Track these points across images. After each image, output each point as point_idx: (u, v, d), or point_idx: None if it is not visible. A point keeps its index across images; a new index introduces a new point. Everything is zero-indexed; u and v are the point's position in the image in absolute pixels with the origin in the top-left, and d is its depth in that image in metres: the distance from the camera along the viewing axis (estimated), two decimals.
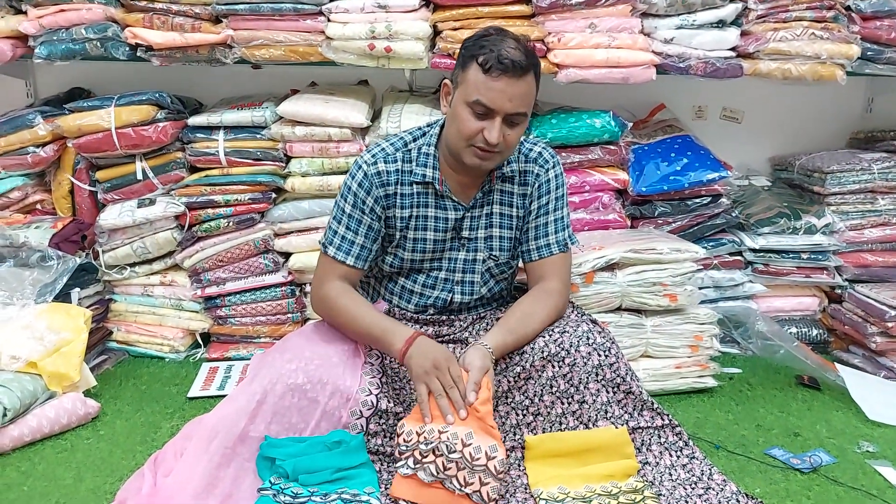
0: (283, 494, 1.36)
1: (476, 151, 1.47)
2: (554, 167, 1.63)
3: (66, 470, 1.60)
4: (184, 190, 2.18)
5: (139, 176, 2.17)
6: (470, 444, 1.36)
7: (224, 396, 1.73)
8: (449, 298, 1.66)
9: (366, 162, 1.56)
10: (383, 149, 1.58)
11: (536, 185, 1.61)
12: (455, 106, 1.48)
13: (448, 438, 1.36)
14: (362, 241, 1.57)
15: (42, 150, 2.18)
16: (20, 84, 2.51)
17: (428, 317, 1.67)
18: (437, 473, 1.35)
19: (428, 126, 1.62)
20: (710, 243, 2.25)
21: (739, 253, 2.29)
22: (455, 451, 1.36)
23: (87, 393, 1.89)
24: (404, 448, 1.40)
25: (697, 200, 2.25)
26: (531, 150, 1.63)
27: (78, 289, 2.10)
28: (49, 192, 2.28)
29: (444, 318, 1.68)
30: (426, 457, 1.37)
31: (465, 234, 1.62)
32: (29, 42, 2.15)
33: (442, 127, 1.58)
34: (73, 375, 1.84)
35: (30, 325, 1.85)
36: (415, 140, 1.59)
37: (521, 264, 1.72)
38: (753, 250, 2.27)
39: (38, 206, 2.28)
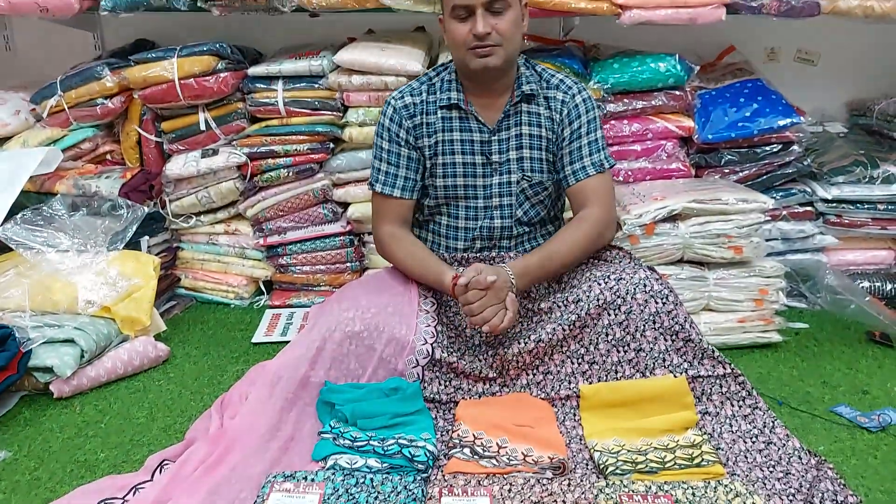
0: (342, 438, 1.40)
1: (475, 52, 1.52)
2: (580, 92, 1.63)
3: (139, 409, 1.69)
4: (245, 140, 2.21)
5: (202, 126, 2.21)
6: (531, 456, 1.36)
7: (286, 342, 1.79)
8: (490, 225, 1.66)
9: (393, 97, 1.66)
10: (409, 84, 1.69)
11: (565, 112, 1.62)
12: (446, 25, 1.57)
13: (507, 454, 1.37)
14: (405, 173, 1.65)
15: (110, 101, 2.24)
16: (88, 37, 2.57)
17: (476, 253, 1.68)
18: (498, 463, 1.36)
19: (449, 62, 1.68)
20: (780, 193, 2.16)
21: (811, 203, 2.19)
22: (515, 462, 1.36)
23: (158, 337, 1.98)
24: (459, 441, 1.40)
25: (767, 148, 2.14)
26: (553, 76, 1.65)
27: (147, 237, 2.18)
28: (118, 143, 2.35)
29: (493, 254, 1.68)
30: (487, 450, 1.38)
31: (495, 157, 1.63)
32: None
33: None
34: (144, 320, 1.92)
35: (103, 272, 1.94)
36: (437, 74, 1.68)
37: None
38: (826, 201, 2.16)
39: (108, 157, 2.35)
